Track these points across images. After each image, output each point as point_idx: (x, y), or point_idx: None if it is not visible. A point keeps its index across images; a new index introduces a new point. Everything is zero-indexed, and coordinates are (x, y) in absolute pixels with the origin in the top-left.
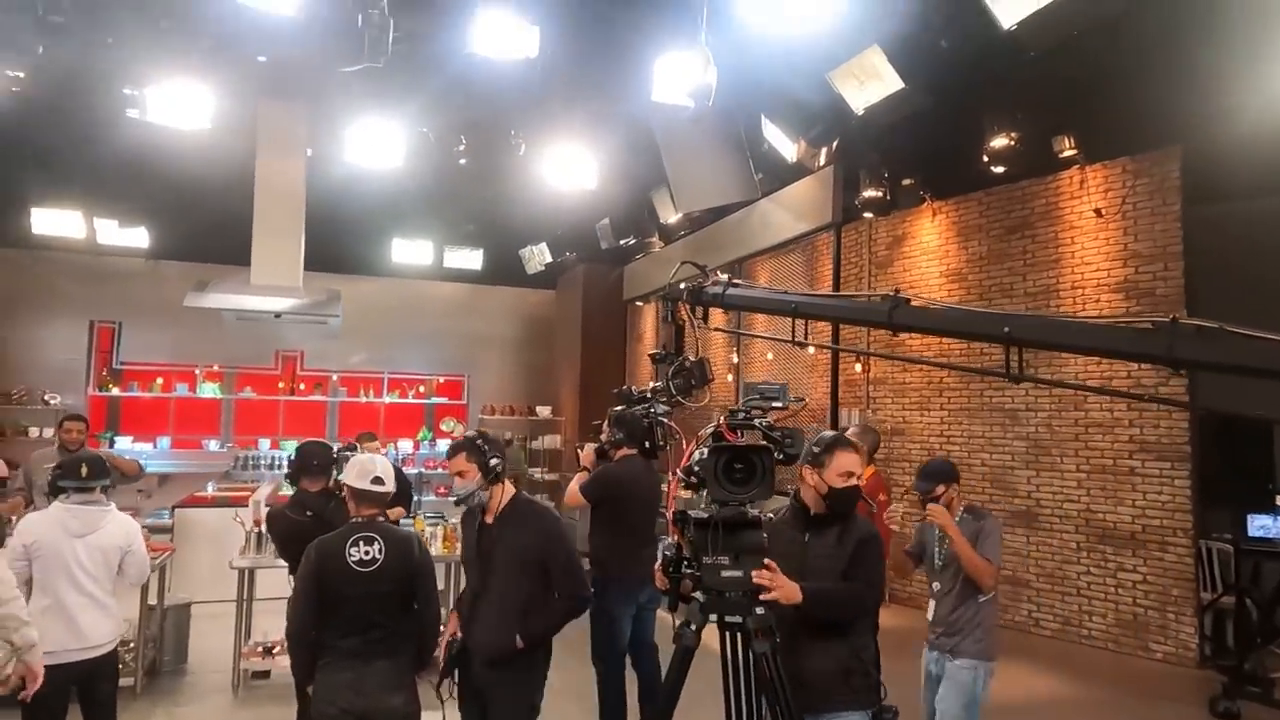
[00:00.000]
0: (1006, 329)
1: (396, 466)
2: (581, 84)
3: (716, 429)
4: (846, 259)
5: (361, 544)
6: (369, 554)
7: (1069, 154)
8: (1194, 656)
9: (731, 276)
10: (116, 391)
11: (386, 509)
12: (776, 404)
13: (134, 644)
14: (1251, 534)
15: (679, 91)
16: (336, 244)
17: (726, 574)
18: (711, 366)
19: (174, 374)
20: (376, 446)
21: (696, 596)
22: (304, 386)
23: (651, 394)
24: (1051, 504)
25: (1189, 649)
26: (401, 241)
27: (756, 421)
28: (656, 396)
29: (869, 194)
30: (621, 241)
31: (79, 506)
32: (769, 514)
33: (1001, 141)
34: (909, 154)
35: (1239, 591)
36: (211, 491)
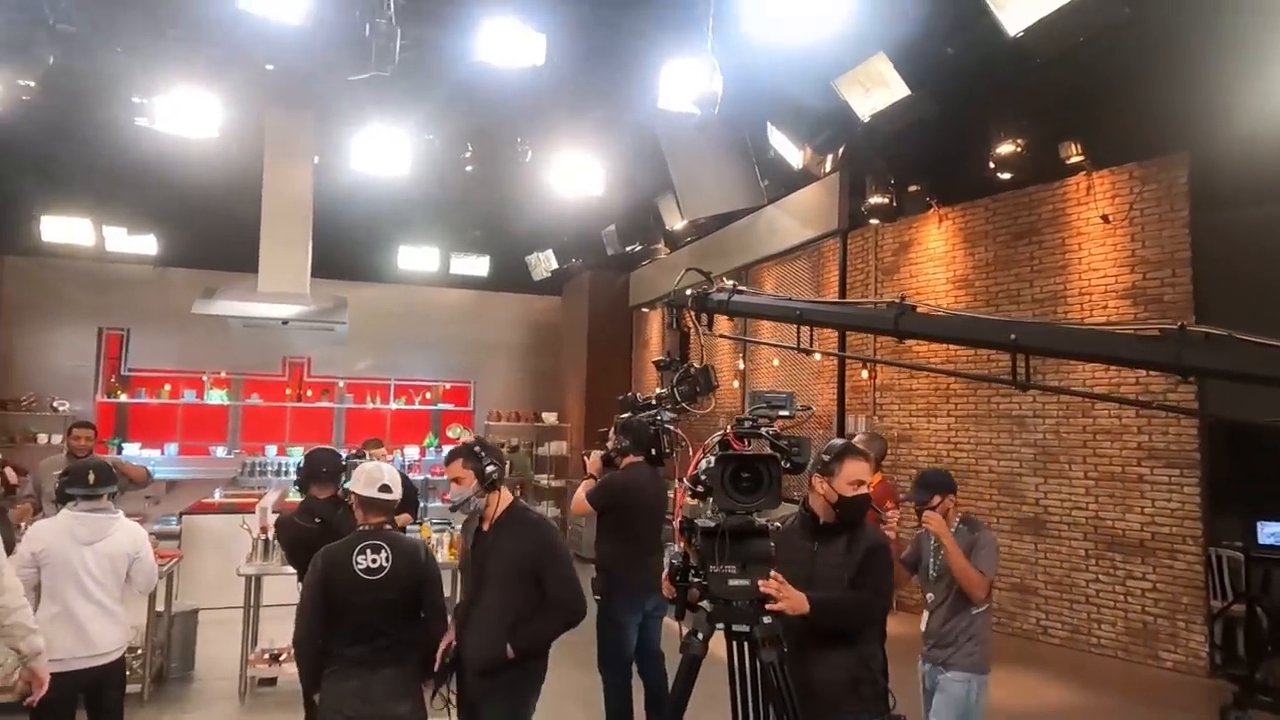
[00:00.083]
0: (1013, 336)
1: (402, 473)
2: (587, 91)
3: (723, 437)
4: (853, 265)
5: (369, 552)
6: (376, 562)
7: (1076, 160)
8: (1204, 665)
9: (736, 283)
10: (124, 398)
11: (394, 516)
12: (783, 413)
13: (141, 651)
14: (1262, 541)
15: (685, 99)
16: (343, 251)
17: (733, 583)
18: (716, 373)
19: (182, 380)
20: (383, 453)
21: (703, 605)
22: (311, 393)
23: (656, 401)
24: (1060, 511)
25: (1199, 658)
26: (408, 248)
27: (763, 430)
28: (662, 404)
29: (875, 200)
30: (627, 248)
31: (87, 514)
32: (776, 523)
33: (1008, 148)
34: (915, 160)
35: (1249, 599)
36: (219, 498)
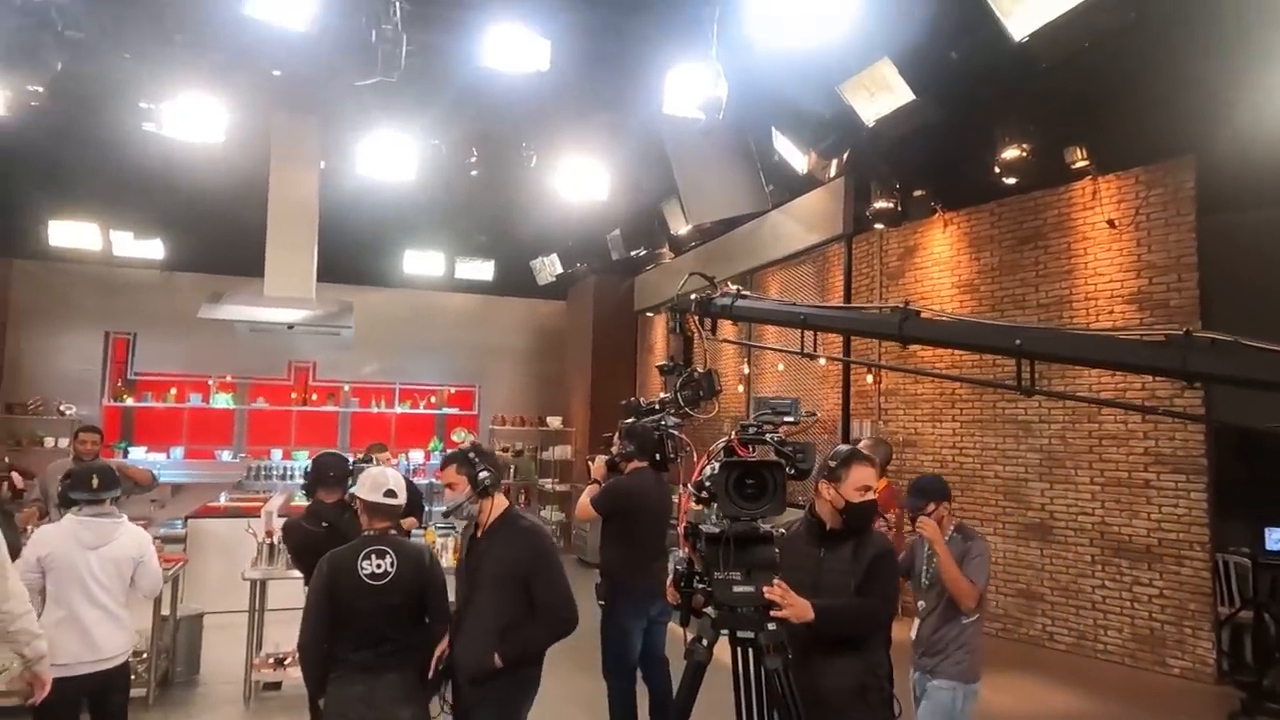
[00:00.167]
0: (1017, 341)
1: (407, 477)
2: (592, 97)
3: (728, 443)
4: (858, 270)
5: (373, 557)
6: (381, 567)
7: (1081, 165)
8: (1212, 672)
9: (740, 288)
10: (131, 402)
11: (399, 520)
12: (788, 418)
13: (146, 655)
14: (1269, 547)
15: (690, 104)
16: (349, 255)
17: (738, 589)
18: (720, 378)
19: (188, 384)
20: (387, 457)
21: (708, 611)
22: (316, 397)
23: (660, 406)
24: (1066, 516)
25: (1206, 664)
26: (413, 253)
27: (768, 436)
28: (665, 408)
29: (880, 205)
30: (632, 252)
31: (91, 519)
32: (781, 529)
33: (1013, 152)
34: (920, 165)
35: (1257, 606)
36: (224, 502)
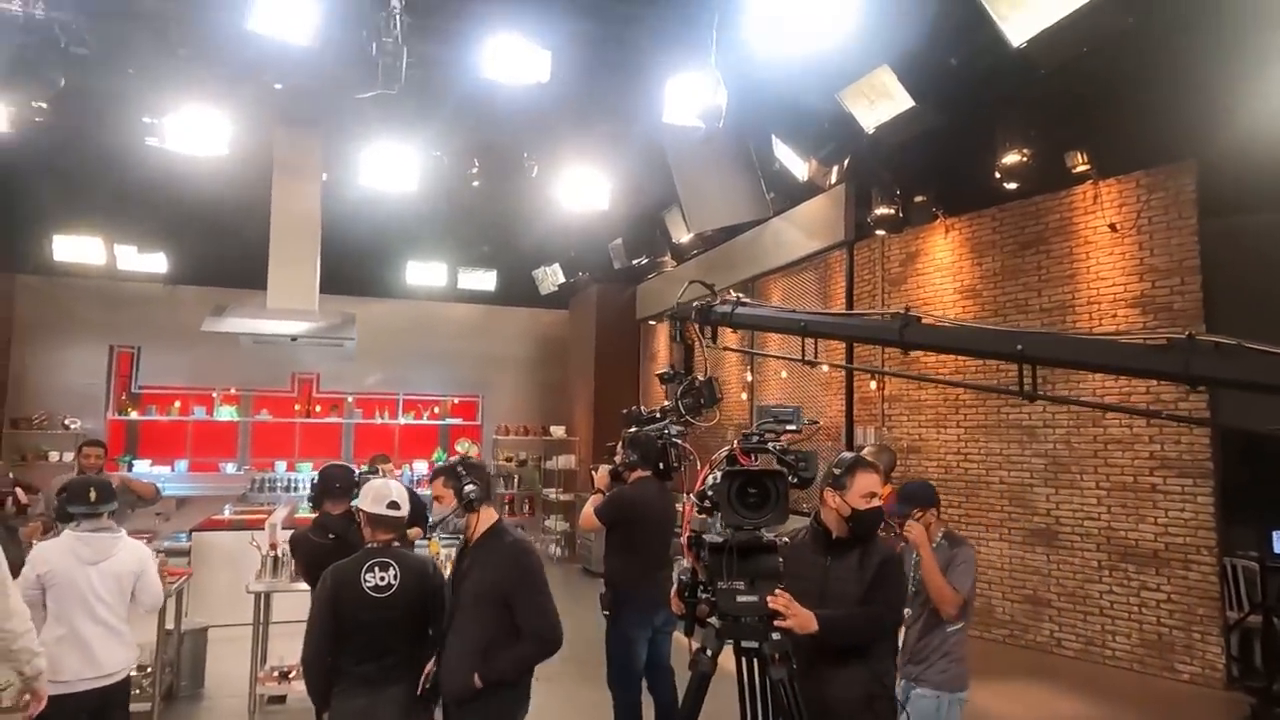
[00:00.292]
0: (1019, 346)
1: (410, 488)
2: (593, 107)
3: (730, 452)
4: (859, 276)
5: (377, 570)
6: (384, 580)
7: (1082, 169)
8: (1221, 677)
9: (740, 295)
10: (135, 415)
11: (404, 532)
12: (790, 427)
13: (151, 669)
14: (1277, 551)
15: (690, 112)
16: (352, 267)
17: (742, 599)
18: (720, 386)
19: (192, 397)
20: (390, 468)
21: (712, 622)
22: (320, 409)
23: (661, 414)
24: (1072, 522)
25: (1216, 670)
26: (416, 264)
27: (770, 445)
28: (667, 416)
29: (881, 211)
30: (634, 261)
31: (90, 534)
32: (784, 538)
33: (1013, 157)
34: (921, 171)
35: (1266, 610)
36: (228, 514)
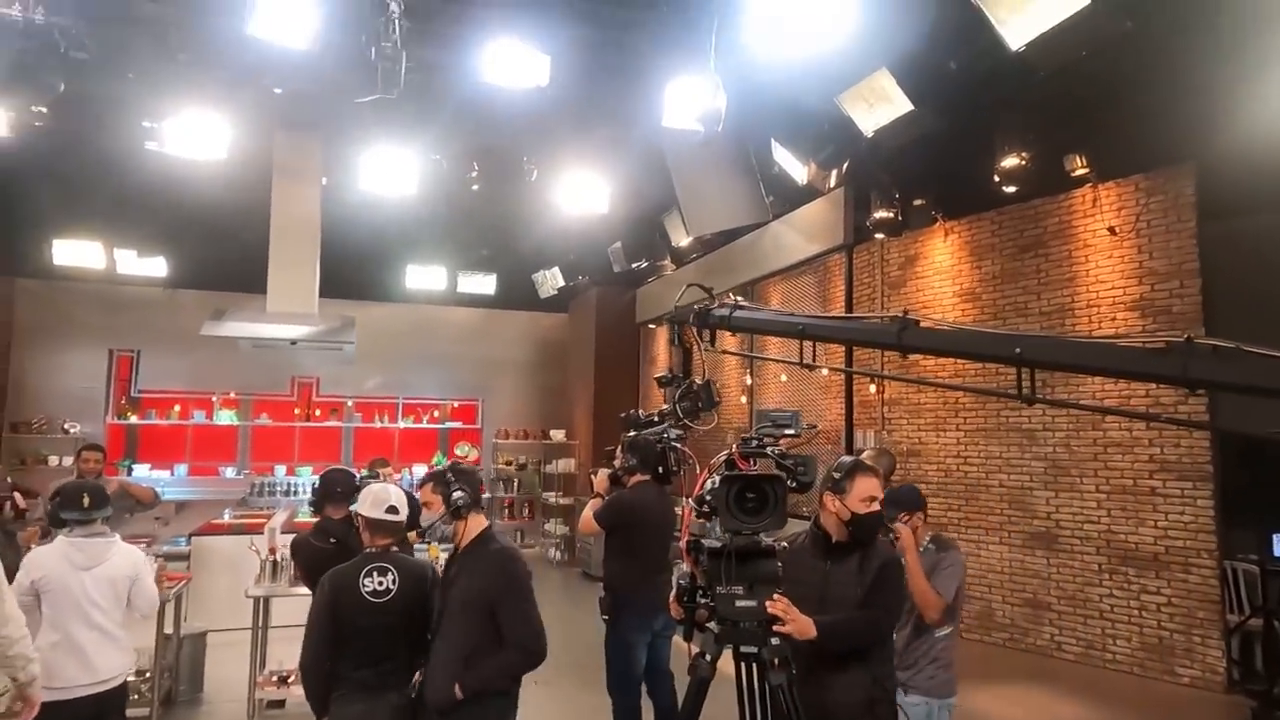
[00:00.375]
0: (1018, 350)
1: (409, 492)
2: (592, 110)
3: (729, 457)
4: (859, 280)
5: (375, 575)
6: (383, 585)
7: (1081, 172)
8: (1222, 681)
9: (739, 299)
10: (135, 419)
11: (404, 536)
12: (789, 431)
13: (149, 674)
14: (1277, 554)
15: (689, 116)
16: (351, 271)
17: (741, 604)
18: (718, 389)
19: (191, 401)
20: (389, 472)
21: (711, 626)
22: (319, 413)
23: (660, 418)
24: (1072, 525)
25: (1216, 673)
26: (415, 267)
27: (769, 449)
28: (665, 420)
29: (880, 215)
30: (634, 265)
31: (83, 539)
32: (783, 542)
33: (1012, 161)
34: (920, 174)
35: (1266, 613)
36: (228, 519)
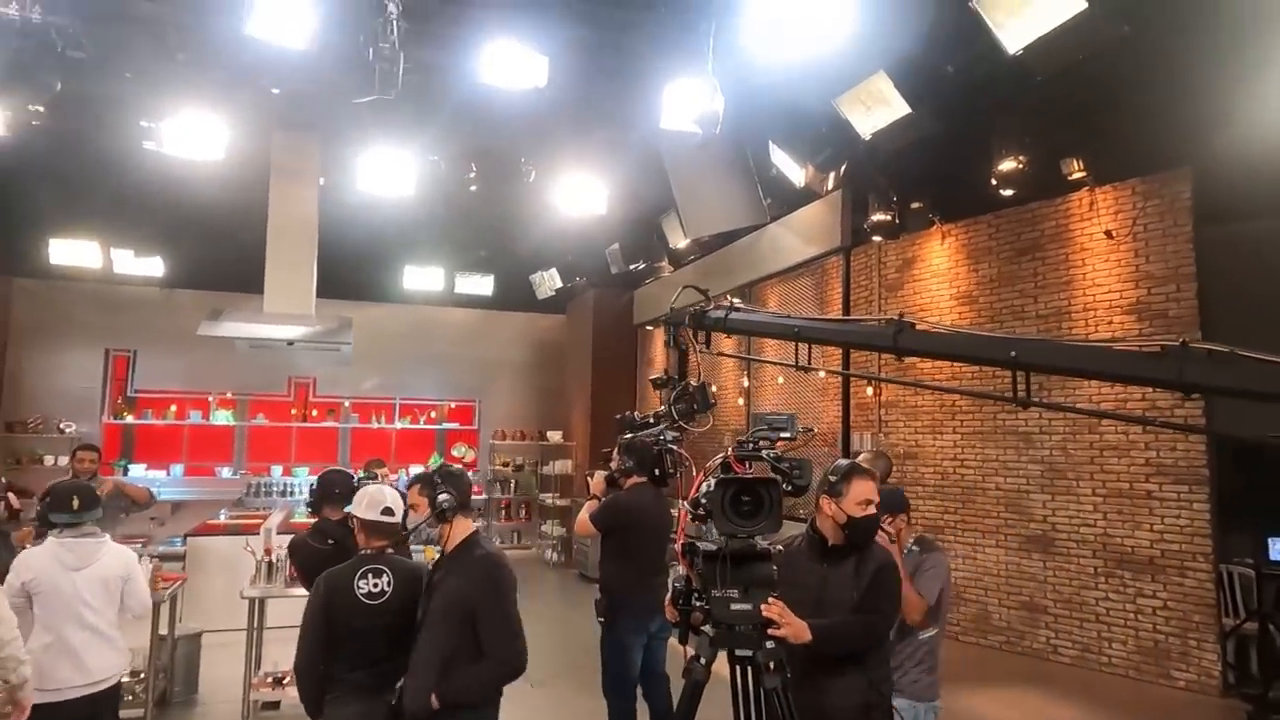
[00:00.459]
0: (1013, 353)
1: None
2: (590, 112)
3: (725, 460)
4: (856, 282)
5: (370, 576)
6: (378, 586)
7: (1078, 176)
8: (1217, 684)
9: (735, 300)
10: (131, 419)
11: (399, 537)
12: (784, 434)
13: (144, 675)
14: (1273, 557)
15: (687, 118)
16: (349, 271)
17: (736, 607)
18: (713, 391)
19: (188, 401)
20: (386, 473)
21: (706, 630)
22: (316, 413)
23: (655, 419)
24: (1068, 528)
25: (1212, 676)
26: (413, 268)
27: (764, 453)
28: (661, 422)
29: (878, 217)
30: (631, 266)
31: (73, 539)
32: (779, 546)
33: (1010, 164)
34: (917, 177)
35: (1262, 617)
36: (224, 519)
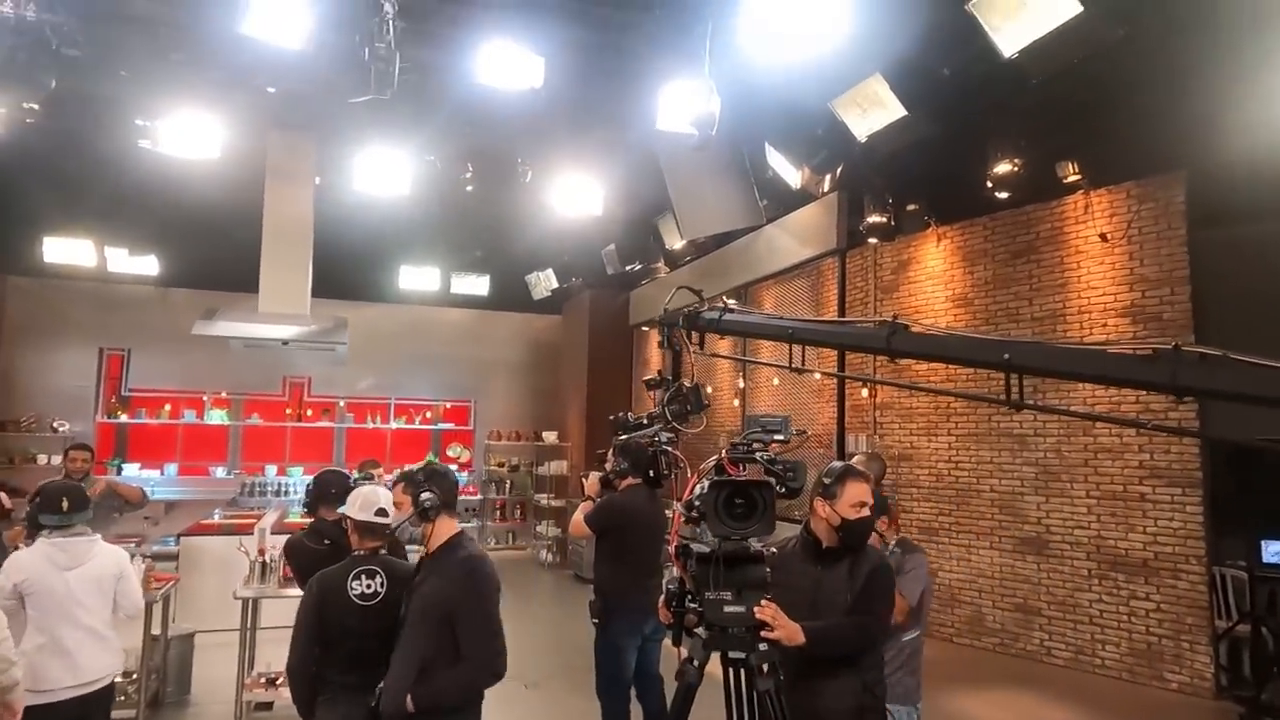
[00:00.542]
0: (1006, 355)
1: None
2: (586, 113)
3: (718, 462)
4: (852, 284)
5: (363, 577)
6: (371, 588)
7: (1073, 179)
8: (1210, 686)
9: (730, 302)
10: (125, 418)
11: (393, 539)
12: (778, 436)
13: (137, 675)
14: (1266, 560)
15: (683, 119)
16: (344, 271)
17: (729, 609)
18: (707, 392)
19: (182, 401)
20: (381, 474)
21: (699, 632)
22: (311, 413)
23: (649, 420)
24: (1062, 530)
25: (1204, 679)
26: (409, 268)
27: (758, 455)
28: (655, 423)
29: (873, 219)
30: (627, 267)
31: (63, 539)
32: (772, 548)
33: (1005, 167)
34: (913, 179)
35: (1255, 619)
36: (217, 519)
